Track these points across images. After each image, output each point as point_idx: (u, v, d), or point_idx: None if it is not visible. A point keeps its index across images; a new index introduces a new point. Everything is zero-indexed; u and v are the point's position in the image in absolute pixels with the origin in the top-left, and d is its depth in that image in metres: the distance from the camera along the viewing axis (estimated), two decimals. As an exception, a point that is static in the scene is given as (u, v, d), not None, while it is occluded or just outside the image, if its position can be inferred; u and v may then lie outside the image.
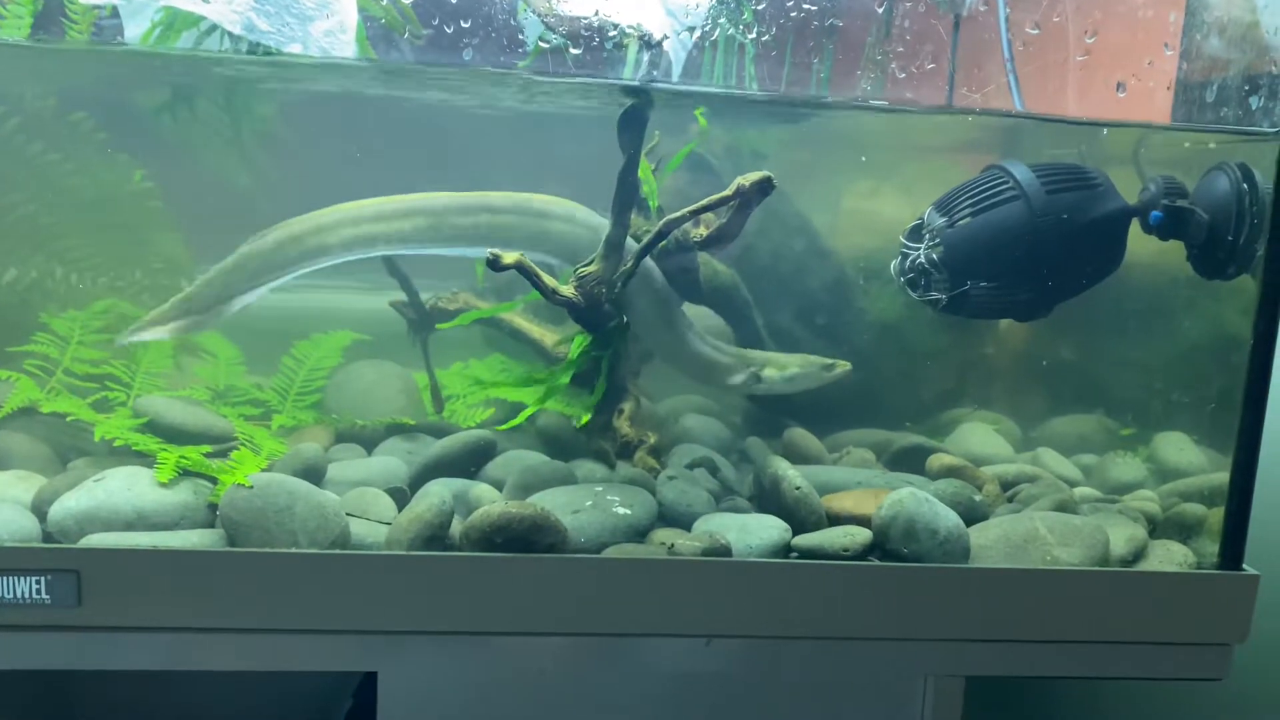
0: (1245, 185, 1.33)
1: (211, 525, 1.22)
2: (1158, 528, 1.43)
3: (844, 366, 1.53)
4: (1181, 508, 1.43)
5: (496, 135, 1.70)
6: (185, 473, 1.26)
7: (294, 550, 1.17)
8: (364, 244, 1.43)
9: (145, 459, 1.28)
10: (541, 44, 1.27)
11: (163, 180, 1.61)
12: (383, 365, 1.65)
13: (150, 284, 1.67)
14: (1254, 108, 1.32)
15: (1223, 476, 1.33)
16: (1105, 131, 1.54)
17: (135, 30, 1.44)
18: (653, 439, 1.47)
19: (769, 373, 1.52)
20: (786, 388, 1.54)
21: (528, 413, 1.44)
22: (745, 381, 1.53)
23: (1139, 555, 1.35)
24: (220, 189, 1.67)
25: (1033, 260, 1.37)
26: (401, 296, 1.57)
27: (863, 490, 1.41)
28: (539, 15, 1.41)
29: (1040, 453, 1.66)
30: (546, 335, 1.51)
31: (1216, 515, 1.34)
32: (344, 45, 1.44)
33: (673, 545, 1.23)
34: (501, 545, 1.19)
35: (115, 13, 1.43)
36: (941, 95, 1.47)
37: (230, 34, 1.38)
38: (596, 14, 1.26)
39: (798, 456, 1.54)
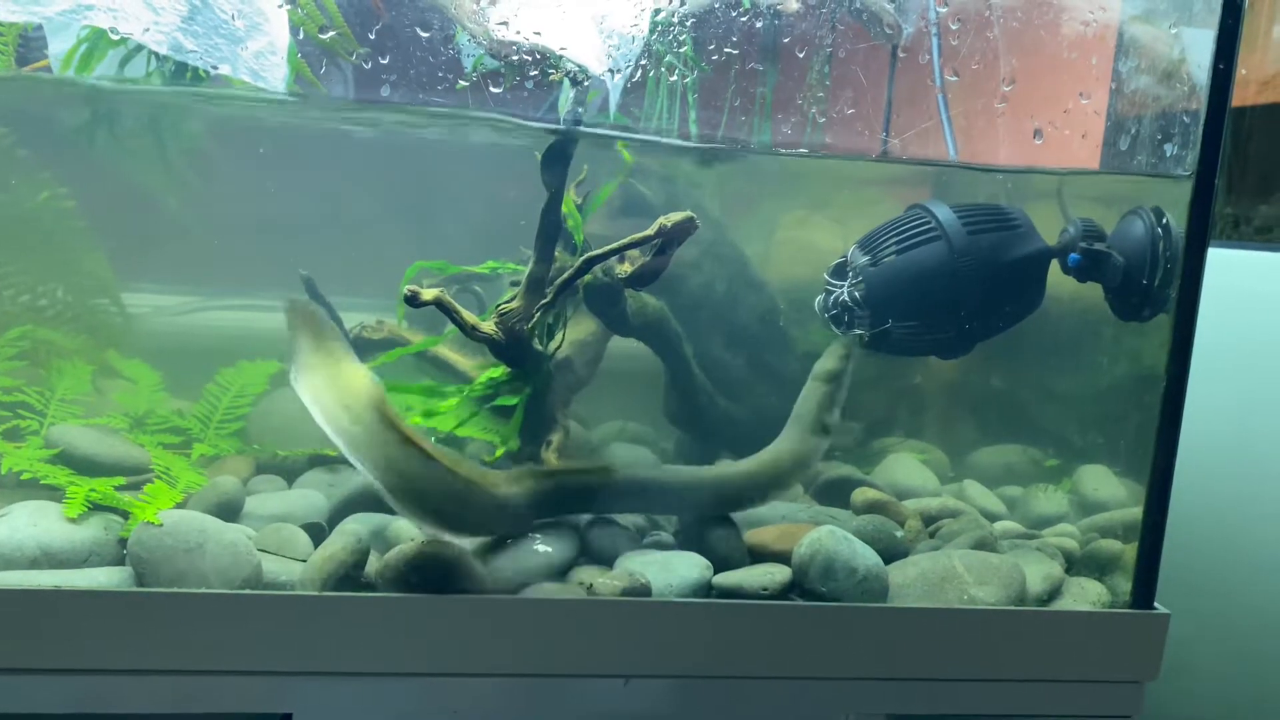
0: (1159, 230, 1.35)
1: (122, 562, 1.19)
2: (1075, 564, 1.45)
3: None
4: (1098, 544, 1.45)
5: (426, 161, 1.69)
6: (96, 507, 1.23)
7: (204, 590, 1.15)
8: None
9: (55, 492, 1.25)
10: (461, 82, 1.27)
11: (86, 198, 1.58)
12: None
13: (74, 304, 1.64)
14: (1168, 154, 1.35)
15: (1139, 512, 1.35)
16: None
17: (61, 45, 1.41)
18: (579, 472, 1.46)
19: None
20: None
21: (471, 432, 1.40)
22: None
23: (1055, 593, 1.37)
24: (146, 207, 1.65)
25: (953, 300, 1.38)
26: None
27: (786, 525, 1.41)
28: (477, 40, 1.41)
29: (966, 485, 1.68)
30: (471, 365, 1.50)
31: (1132, 551, 1.36)
32: (275, 66, 1.42)
33: (592, 585, 1.22)
34: (417, 584, 1.18)
35: (40, 27, 1.41)
36: (874, 136, 1.49)
37: (157, 54, 1.36)
38: (514, 49, 1.25)
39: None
